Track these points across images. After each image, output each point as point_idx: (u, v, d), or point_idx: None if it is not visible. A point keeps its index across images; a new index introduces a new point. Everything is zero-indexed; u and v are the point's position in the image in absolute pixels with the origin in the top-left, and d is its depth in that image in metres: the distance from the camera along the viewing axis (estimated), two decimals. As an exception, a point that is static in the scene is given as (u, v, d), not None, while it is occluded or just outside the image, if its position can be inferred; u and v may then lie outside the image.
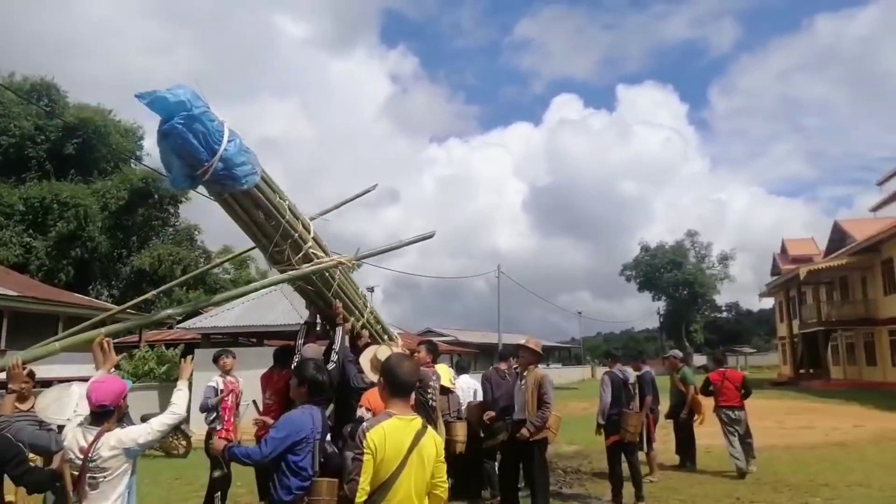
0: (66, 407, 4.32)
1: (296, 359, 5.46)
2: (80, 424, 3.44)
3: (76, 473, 3.33)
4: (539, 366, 7.13)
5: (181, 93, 3.40)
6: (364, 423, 3.00)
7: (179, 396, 3.89)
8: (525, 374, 6.81)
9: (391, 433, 2.92)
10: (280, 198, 4.52)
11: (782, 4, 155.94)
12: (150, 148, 42.69)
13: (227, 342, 18.02)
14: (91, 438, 3.36)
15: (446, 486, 3.16)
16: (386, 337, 6.64)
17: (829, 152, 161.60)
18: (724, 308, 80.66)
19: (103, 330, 4.18)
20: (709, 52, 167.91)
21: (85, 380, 3.80)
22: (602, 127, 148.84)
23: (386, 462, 2.88)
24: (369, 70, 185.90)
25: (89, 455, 3.32)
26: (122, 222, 37.32)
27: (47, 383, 7.47)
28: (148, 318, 5.78)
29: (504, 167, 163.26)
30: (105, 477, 3.33)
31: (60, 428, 4.08)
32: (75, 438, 3.38)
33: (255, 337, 18.45)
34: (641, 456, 8.36)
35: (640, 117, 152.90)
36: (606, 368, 8.06)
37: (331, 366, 5.43)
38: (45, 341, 4.14)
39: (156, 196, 37.63)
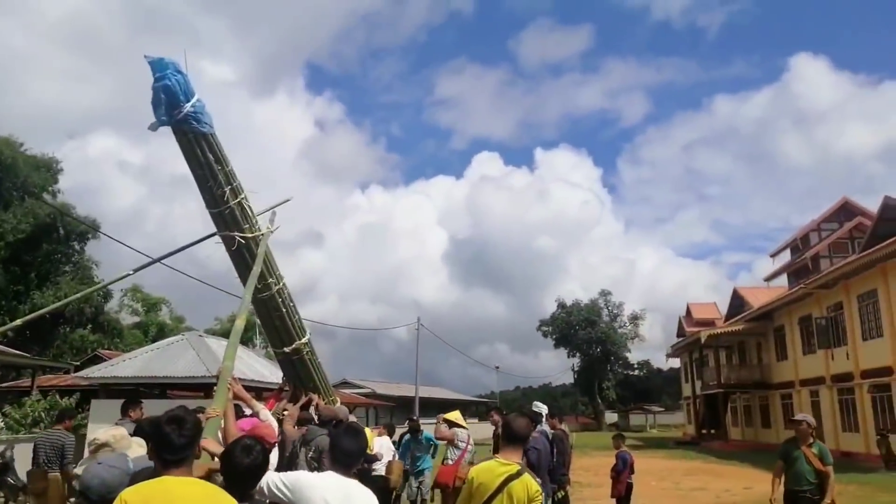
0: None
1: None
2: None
3: None
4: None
5: (173, 60, 5.03)
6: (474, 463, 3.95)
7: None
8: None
9: (485, 471, 3.82)
10: (226, 157, 5.79)
11: (686, 83, 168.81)
12: (64, 185, 40.80)
13: (127, 392, 17.21)
14: None
15: None
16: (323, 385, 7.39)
17: (731, 221, 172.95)
18: (635, 366, 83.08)
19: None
20: (620, 121, 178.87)
21: None
22: (522, 185, 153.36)
23: (478, 492, 3.74)
24: (294, 115, 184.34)
25: None
26: (22, 257, 35.25)
27: None
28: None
29: (426, 218, 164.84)
30: None
31: None
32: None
33: (158, 388, 17.68)
34: None
35: (558, 178, 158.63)
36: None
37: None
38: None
39: (61, 231, 35.88)
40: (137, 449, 3.05)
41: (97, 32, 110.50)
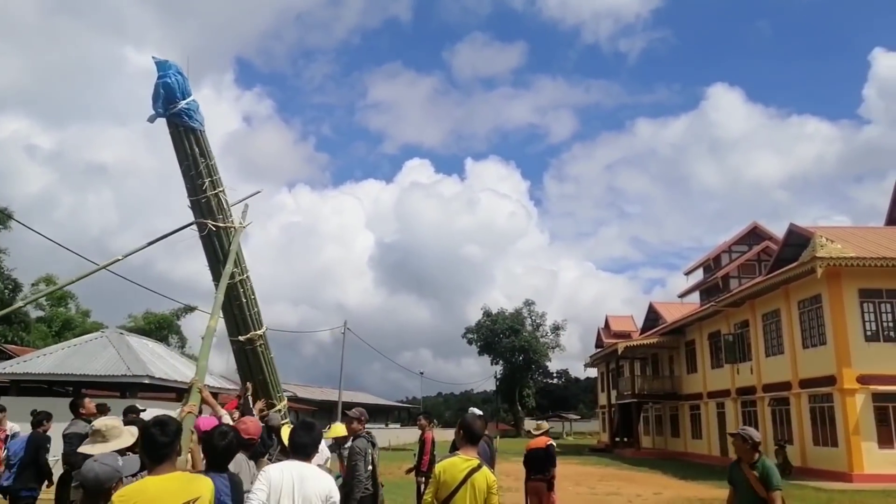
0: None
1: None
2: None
3: None
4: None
5: (177, 64, 6.07)
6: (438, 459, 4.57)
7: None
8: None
9: (450, 466, 4.30)
10: (211, 153, 6.57)
11: (611, 104, 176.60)
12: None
13: (39, 390, 16.48)
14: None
15: None
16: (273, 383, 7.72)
17: (648, 239, 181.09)
18: (555, 374, 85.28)
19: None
20: (548, 137, 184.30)
21: None
22: (451, 194, 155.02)
23: (445, 484, 4.24)
24: (220, 108, 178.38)
25: None
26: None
27: None
28: None
29: (353, 221, 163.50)
30: None
31: None
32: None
33: (73, 386, 16.97)
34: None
35: (487, 188, 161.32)
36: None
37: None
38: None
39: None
40: (129, 438, 3.30)
41: (7, 7, 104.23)
